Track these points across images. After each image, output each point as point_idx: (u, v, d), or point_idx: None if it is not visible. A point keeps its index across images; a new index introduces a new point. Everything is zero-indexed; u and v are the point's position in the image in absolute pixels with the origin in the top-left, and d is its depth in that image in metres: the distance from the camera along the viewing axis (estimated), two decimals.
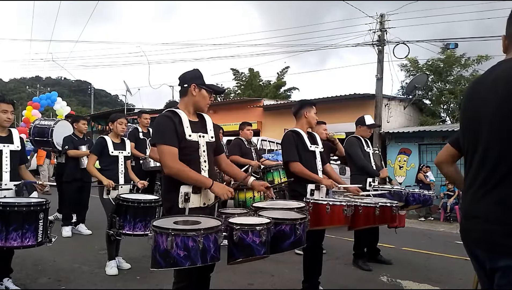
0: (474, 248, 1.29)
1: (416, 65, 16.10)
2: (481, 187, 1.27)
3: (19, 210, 2.63)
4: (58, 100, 10.97)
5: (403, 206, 4.01)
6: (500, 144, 1.21)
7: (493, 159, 1.23)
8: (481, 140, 1.28)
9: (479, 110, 1.29)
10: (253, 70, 23.93)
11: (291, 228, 2.10)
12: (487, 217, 1.22)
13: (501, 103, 1.20)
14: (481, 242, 1.25)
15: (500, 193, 1.19)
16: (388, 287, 3.74)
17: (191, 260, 1.73)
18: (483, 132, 1.27)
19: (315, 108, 3.38)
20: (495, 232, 1.18)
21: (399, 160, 11.72)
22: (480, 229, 1.25)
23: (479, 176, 1.28)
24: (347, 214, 2.85)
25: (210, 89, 2.35)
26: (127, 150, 4.21)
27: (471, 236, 1.31)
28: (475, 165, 1.31)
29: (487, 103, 1.26)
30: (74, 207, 5.54)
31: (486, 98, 1.27)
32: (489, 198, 1.23)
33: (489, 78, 1.31)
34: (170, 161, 2.14)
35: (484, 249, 1.25)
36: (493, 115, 1.23)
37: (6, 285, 3.13)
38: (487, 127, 1.25)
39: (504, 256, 1.16)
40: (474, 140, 1.32)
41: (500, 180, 1.19)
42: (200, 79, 2.32)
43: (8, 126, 3.21)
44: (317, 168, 3.26)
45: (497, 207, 1.19)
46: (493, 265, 1.21)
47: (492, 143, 1.24)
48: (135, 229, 3.36)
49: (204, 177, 2.21)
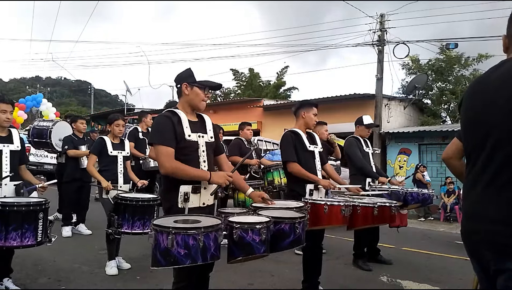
0: (478, 249, 1.27)
1: (417, 64, 16.09)
2: (486, 188, 1.25)
3: (19, 210, 2.63)
4: (44, 101, 11.00)
5: (402, 206, 4.00)
6: (507, 145, 1.19)
7: (500, 159, 1.21)
8: (484, 140, 1.26)
9: (481, 110, 1.28)
10: (253, 70, 23.96)
11: (291, 227, 2.10)
12: (492, 218, 1.21)
13: (505, 103, 1.19)
14: (486, 243, 1.23)
15: (507, 193, 1.18)
16: (388, 287, 3.74)
17: (192, 259, 1.73)
18: (486, 132, 1.26)
19: (316, 109, 3.36)
20: (501, 233, 1.16)
21: (399, 160, 11.72)
22: (485, 230, 1.23)
23: (484, 176, 1.26)
24: (345, 214, 2.85)
25: (202, 86, 2.30)
26: (126, 150, 4.21)
27: (474, 237, 1.29)
28: (479, 165, 1.29)
29: (490, 103, 1.25)
30: (74, 207, 5.54)
31: (489, 98, 1.26)
32: (495, 199, 1.21)
33: (491, 78, 1.30)
34: (165, 161, 2.14)
35: (489, 250, 1.22)
36: (496, 116, 1.22)
37: (6, 285, 3.13)
38: (492, 127, 1.24)
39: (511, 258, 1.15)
40: (476, 140, 1.31)
41: (507, 180, 1.18)
42: (191, 77, 2.29)
43: (7, 126, 3.21)
44: (316, 168, 3.26)
45: (503, 208, 1.18)
46: (499, 266, 1.19)
47: (499, 144, 1.22)
48: (133, 228, 3.36)
49: (201, 171, 2.21)
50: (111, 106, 52.50)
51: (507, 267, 1.15)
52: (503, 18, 1.40)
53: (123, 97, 25.30)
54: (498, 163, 1.21)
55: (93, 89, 37.42)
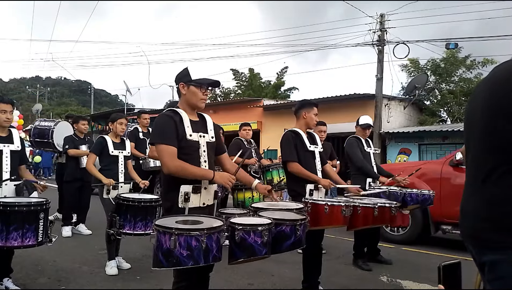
0: (467, 243, 1.33)
1: (416, 65, 16.10)
2: (472, 184, 1.31)
3: (20, 210, 2.63)
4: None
5: (401, 207, 4.00)
6: (485, 144, 1.24)
7: (481, 157, 1.26)
8: (472, 139, 1.32)
9: (475, 110, 1.32)
10: (253, 70, 23.95)
11: (292, 228, 2.10)
12: (475, 213, 1.26)
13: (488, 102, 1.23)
14: (470, 238, 1.29)
15: (488, 190, 1.22)
16: (388, 287, 3.74)
17: (194, 260, 1.73)
18: (475, 132, 1.31)
19: (316, 110, 3.35)
20: (483, 229, 1.21)
21: (399, 160, 11.72)
22: (470, 226, 1.29)
23: (471, 173, 1.33)
24: (346, 214, 2.85)
25: (198, 84, 2.27)
26: (127, 150, 4.21)
27: (464, 232, 1.35)
28: (469, 162, 1.35)
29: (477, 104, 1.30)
30: (74, 207, 5.54)
31: (477, 99, 1.32)
32: (478, 195, 1.26)
33: (484, 79, 1.36)
34: (169, 160, 2.13)
35: (472, 244, 1.28)
36: (480, 115, 1.26)
37: (6, 285, 3.13)
38: (476, 127, 1.29)
39: (489, 250, 1.19)
40: (469, 138, 1.35)
41: (485, 178, 1.22)
42: (187, 77, 2.28)
43: (8, 126, 3.20)
44: (316, 168, 3.26)
45: (483, 204, 1.23)
46: (480, 260, 1.24)
47: (479, 143, 1.27)
48: (135, 229, 3.36)
49: (205, 170, 2.21)
50: (111, 106, 52.55)
51: (486, 260, 1.20)
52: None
53: (123, 97, 25.33)
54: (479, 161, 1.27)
55: (93, 89, 37.41)
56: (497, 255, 1.15)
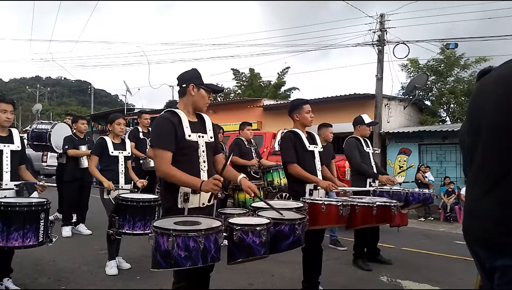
0: (475, 247, 1.30)
1: (416, 65, 16.09)
2: (481, 186, 1.27)
3: (20, 210, 2.63)
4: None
5: (403, 206, 4.01)
6: (499, 144, 1.21)
7: (493, 159, 1.23)
8: (481, 139, 1.28)
9: (480, 110, 1.30)
10: (253, 70, 23.94)
11: (290, 228, 2.11)
12: (487, 216, 1.22)
13: (500, 102, 1.20)
14: (481, 241, 1.26)
15: (499, 193, 1.19)
16: (388, 287, 3.74)
17: (192, 261, 1.73)
18: (482, 131, 1.27)
19: (309, 106, 3.28)
20: (494, 232, 1.18)
21: (399, 160, 11.71)
22: (480, 228, 1.25)
23: (480, 175, 1.28)
24: (343, 213, 2.85)
25: (209, 89, 2.35)
26: (127, 150, 4.21)
27: (472, 234, 1.31)
28: (476, 163, 1.31)
29: (487, 102, 1.27)
30: (74, 207, 5.54)
31: (487, 98, 1.28)
32: (489, 197, 1.22)
33: (492, 77, 1.31)
34: (161, 165, 2.17)
35: (483, 248, 1.25)
36: (491, 114, 1.23)
37: (6, 285, 3.14)
38: (487, 126, 1.26)
39: (502, 255, 1.16)
40: (475, 139, 1.33)
41: (499, 180, 1.19)
42: (199, 79, 2.32)
43: (8, 126, 3.20)
44: (316, 168, 3.25)
45: (496, 207, 1.20)
46: (491, 264, 1.21)
47: (492, 143, 1.24)
48: (134, 229, 3.36)
49: (193, 179, 2.14)
50: (111, 106, 52.55)
51: (498, 265, 1.17)
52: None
53: (123, 97, 25.28)
54: (491, 163, 1.23)
55: (93, 89, 37.36)
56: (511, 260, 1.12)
